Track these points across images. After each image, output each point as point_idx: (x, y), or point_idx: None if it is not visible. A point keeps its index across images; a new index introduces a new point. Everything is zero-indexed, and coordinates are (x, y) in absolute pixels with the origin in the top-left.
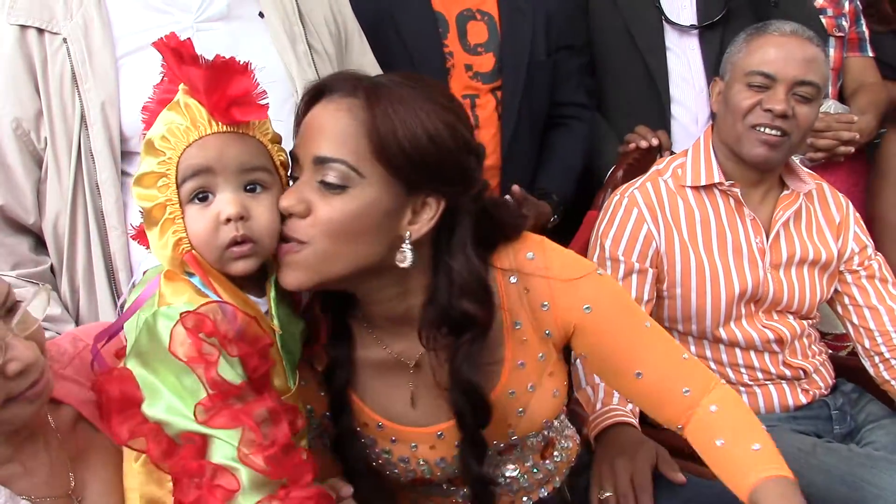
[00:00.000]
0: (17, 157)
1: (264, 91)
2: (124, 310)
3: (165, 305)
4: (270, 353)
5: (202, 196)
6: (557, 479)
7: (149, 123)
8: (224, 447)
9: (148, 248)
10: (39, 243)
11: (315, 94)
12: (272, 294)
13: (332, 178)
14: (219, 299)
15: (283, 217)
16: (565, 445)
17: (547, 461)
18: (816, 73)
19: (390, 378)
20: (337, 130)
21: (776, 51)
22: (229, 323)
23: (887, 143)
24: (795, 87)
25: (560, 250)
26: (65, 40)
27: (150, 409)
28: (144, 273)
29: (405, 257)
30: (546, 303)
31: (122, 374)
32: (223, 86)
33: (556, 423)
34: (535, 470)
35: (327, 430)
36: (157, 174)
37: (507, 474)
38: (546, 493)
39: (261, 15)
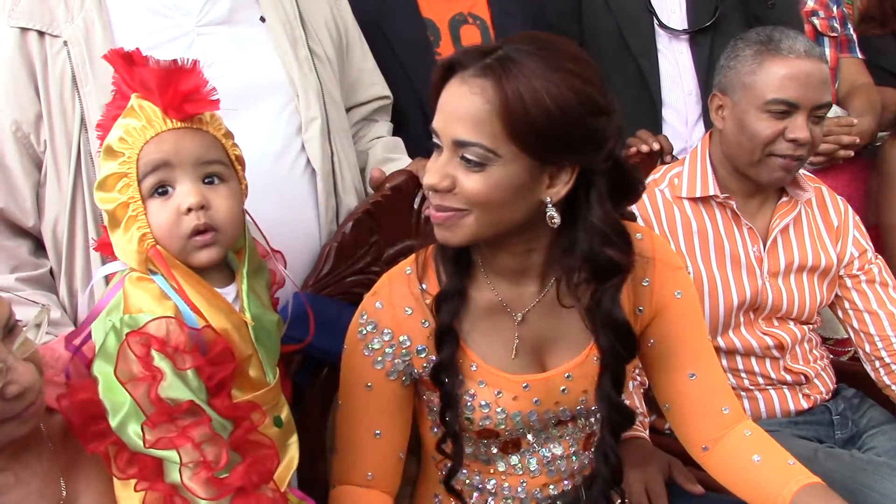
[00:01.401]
0: (17, 159)
1: (214, 88)
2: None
3: (128, 314)
4: (233, 354)
5: (162, 190)
6: (579, 478)
7: (102, 139)
8: (176, 469)
9: (111, 257)
10: (39, 246)
11: (447, 70)
12: (244, 286)
13: (471, 156)
14: (180, 302)
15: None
16: None
17: (586, 452)
18: (829, 92)
19: (494, 323)
20: (472, 114)
21: (796, 76)
22: (180, 333)
23: (890, 149)
24: (814, 110)
25: (663, 239)
26: (65, 43)
27: (113, 421)
28: (111, 278)
29: (553, 217)
30: (647, 279)
31: (86, 384)
32: (175, 83)
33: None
34: (574, 457)
35: (412, 366)
36: (118, 175)
37: (553, 451)
38: (569, 486)
39: (262, 19)
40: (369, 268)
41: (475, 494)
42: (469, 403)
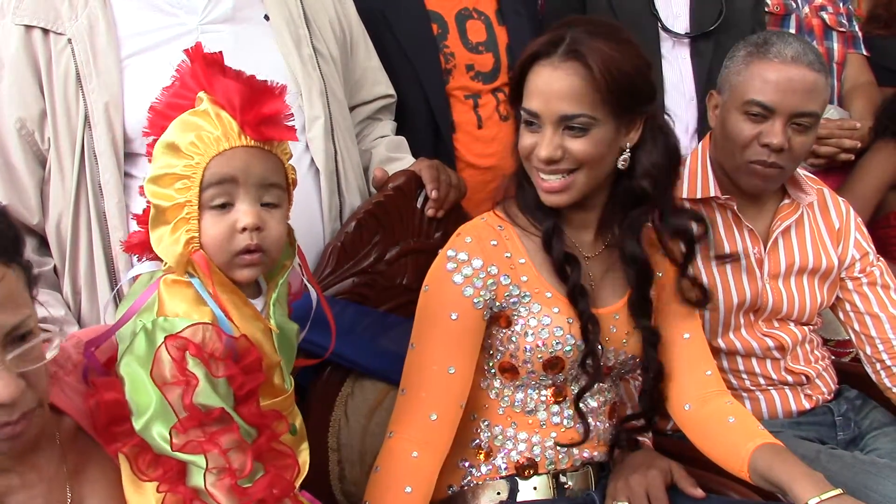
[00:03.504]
0: (22, 157)
1: (292, 114)
2: (117, 314)
3: (163, 316)
4: (262, 365)
5: (221, 203)
6: (598, 452)
7: (153, 123)
8: (200, 473)
9: (140, 257)
10: (43, 244)
11: (530, 60)
12: (273, 296)
13: (576, 124)
14: (216, 308)
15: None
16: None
17: (608, 423)
18: (816, 101)
19: None
20: (573, 90)
21: (776, 80)
22: (217, 340)
23: (876, 153)
24: (794, 118)
25: None
26: (69, 41)
27: (137, 422)
28: (137, 278)
29: (626, 160)
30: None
31: (113, 384)
32: (259, 104)
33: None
34: (600, 419)
35: (495, 299)
36: (179, 176)
37: (590, 404)
38: (588, 457)
39: (266, 18)
40: (372, 268)
41: (507, 447)
42: (545, 329)
